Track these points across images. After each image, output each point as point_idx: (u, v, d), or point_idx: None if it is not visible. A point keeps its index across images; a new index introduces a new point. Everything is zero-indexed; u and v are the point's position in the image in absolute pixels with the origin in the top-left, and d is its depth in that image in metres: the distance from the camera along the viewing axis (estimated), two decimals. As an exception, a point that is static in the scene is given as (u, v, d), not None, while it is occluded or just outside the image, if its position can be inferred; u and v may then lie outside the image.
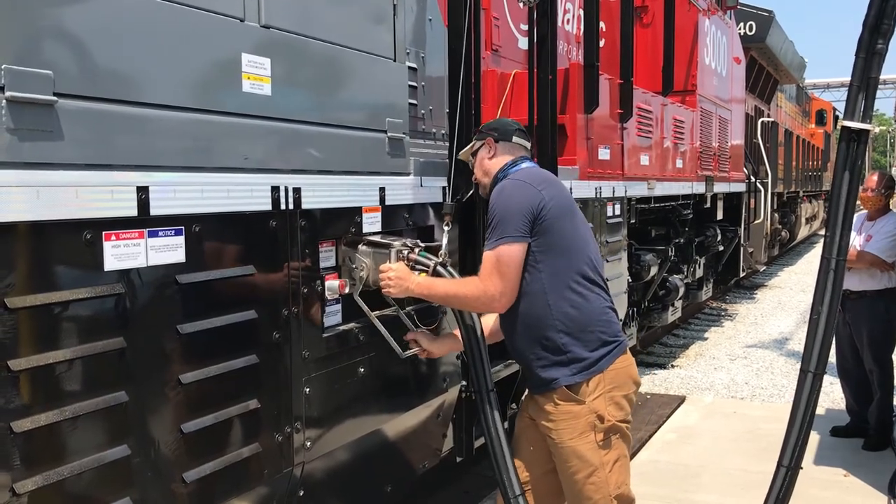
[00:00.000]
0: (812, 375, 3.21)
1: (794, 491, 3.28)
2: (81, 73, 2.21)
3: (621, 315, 6.15)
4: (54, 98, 2.12)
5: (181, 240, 2.51)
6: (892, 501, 4.75)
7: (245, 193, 2.74)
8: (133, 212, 2.34)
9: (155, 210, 2.40)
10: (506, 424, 3.39)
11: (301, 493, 3.10)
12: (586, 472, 2.96)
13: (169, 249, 2.47)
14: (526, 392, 3.36)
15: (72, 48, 2.19)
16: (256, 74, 2.78)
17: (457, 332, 3.40)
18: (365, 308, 3.29)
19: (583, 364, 2.95)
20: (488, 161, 3.23)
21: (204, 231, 2.59)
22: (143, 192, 2.36)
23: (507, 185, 3.06)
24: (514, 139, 3.25)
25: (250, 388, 2.81)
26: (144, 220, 2.38)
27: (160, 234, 2.44)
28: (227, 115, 2.67)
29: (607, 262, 5.79)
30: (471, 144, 3.39)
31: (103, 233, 2.26)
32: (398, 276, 3.12)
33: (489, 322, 3.36)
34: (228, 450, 2.72)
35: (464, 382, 4.17)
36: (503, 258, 2.93)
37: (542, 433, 3.11)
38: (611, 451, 2.98)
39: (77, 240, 2.21)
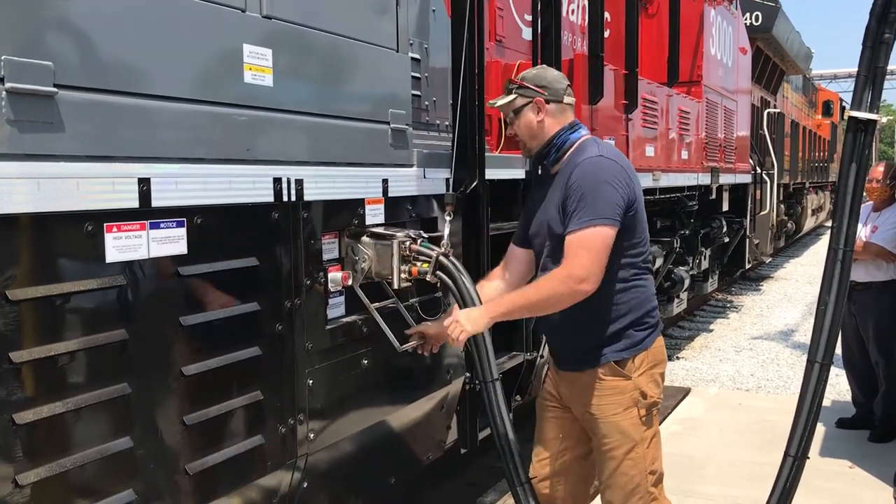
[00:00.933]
0: (819, 366, 3.19)
1: (800, 482, 3.27)
2: (82, 65, 2.20)
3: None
4: (55, 89, 2.11)
5: (183, 231, 2.50)
6: (898, 493, 4.74)
7: (247, 185, 2.73)
8: (135, 203, 2.33)
9: (156, 202, 2.39)
10: (511, 414, 3.38)
11: (305, 484, 3.10)
12: (627, 447, 2.98)
13: (171, 241, 2.46)
14: (547, 380, 3.28)
15: (72, 39, 2.18)
16: (258, 65, 2.77)
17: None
18: (364, 300, 3.28)
19: (631, 341, 2.98)
20: (537, 123, 3.01)
21: (206, 223, 2.58)
22: (144, 183, 2.35)
23: (602, 164, 2.89)
24: (566, 99, 3.06)
25: (253, 380, 2.80)
26: (146, 212, 2.37)
27: (162, 225, 2.43)
28: (228, 107, 2.66)
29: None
30: (510, 98, 3.03)
31: (105, 225, 2.26)
32: (459, 321, 2.92)
33: (488, 292, 3.20)
34: (231, 442, 2.72)
35: (467, 374, 4.17)
36: (599, 240, 2.81)
37: (576, 415, 3.09)
38: (650, 427, 3.02)
39: (78, 232, 2.20)
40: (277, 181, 2.85)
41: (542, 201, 3.09)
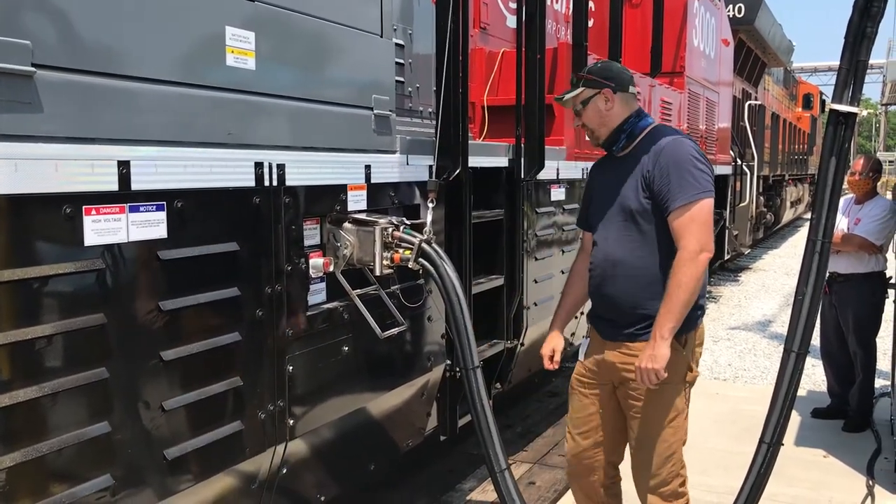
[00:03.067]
0: (795, 355, 3.22)
1: (775, 470, 3.31)
2: (61, 44, 2.17)
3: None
4: (33, 69, 2.08)
5: (163, 215, 2.48)
6: (870, 482, 4.81)
7: (228, 169, 2.71)
8: (114, 186, 2.31)
9: (136, 185, 2.37)
10: (491, 402, 3.39)
11: (284, 471, 3.10)
12: (671, 415, 3.13)
13: (150, 225, 2.44)
14: (584, 355, 3.34)
15: (51, 18, 2.15)
16: (240, 48, 2.74)
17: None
18: (346, 286, 3.28)
19: (691, 318, 3.09)
20: (606, 112, 3.18)
21: (186, 207, 2.56)
22: (124, 166, 2.33)
23: (686, 144, 3.09)
24: (631, 89, 3.24)
25: (232, 366, 2.79)
26: (125, 195, 2.35)
27: (141, 209, 2.41)
28: (210, 90, 2.63)
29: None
30: (577, 91, 3.19)
31: (83, 207, 2.23)
32: (648, 367, 2.97)
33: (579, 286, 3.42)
34: (210, 427, 2.71)
35: (448, 361, 4.17)
36: (705, 211, 3.01)
37: (617, 384, 3.20)
38: (688, 400, 3.20)
39: (56, 214, 2.18)
40: (259, 166, 2.83)
41: (608, 184, 3.23)
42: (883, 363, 6.34)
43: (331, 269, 3.22)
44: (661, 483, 3.19)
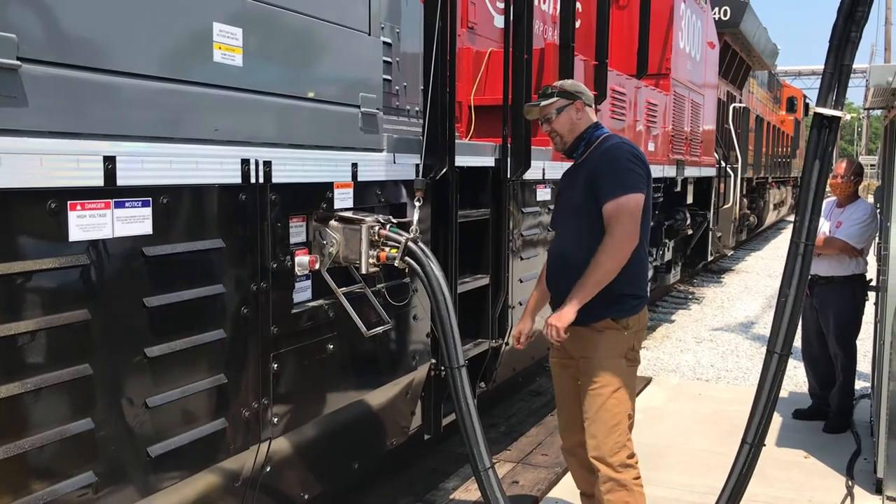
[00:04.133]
0: (778, 356, 3.25)
1: (756, 471, 3.33)
2: (47, 38, 2.15)
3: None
4: (18, 63, 2.06)
5: (148, 211, 2.47)
6: (850, 483, 4.85)
7: (214, 166, 2.70)
8: (99, 182, 2.29)
9: (122, 180, 2.35)
10: (475, 400, 3.40)
11: (267, 469, 3.09)
12: (613, 387, 3.42)
13: (136, 221, 2.43)
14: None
15: (37, 12, 2.13)
16: (228, 45, 2.73)
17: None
18: (332, 284, 3.27)
19: (630, 305, 3.47)
20: (577, 121, 3.54)
21: (172, 203, 2.55)
22: (109, 161, 2.31)
23: (625, 147, 3.46)
24: (592, 104, 3.66)
25: (217, 363, 2.78)
26: (111, 191, 2.33)
27: (127, 205, 2.40)
28: (197, 86, 2.62)
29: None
30: (552, 100, 3.53)
31: (68, 202, 2.22)
32: (552, 323, 3.36)
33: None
34: (194, 425, 2.70)
35: (433, 360, 4.17)
36: (633, 204, 3.34)
37: (577, 361, 3.52)
38: (630, 377, 3.51)
39: (41, 209, 2.16)
40: (245, 162, 2.82)
41: (567, 187, 3.63)
42: (863, 365, 6.40)
43: (316, 266, 3.21)
44: (609, 452, 3.41)
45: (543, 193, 5.42)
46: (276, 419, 3.06)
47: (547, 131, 3.62)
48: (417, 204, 3.59)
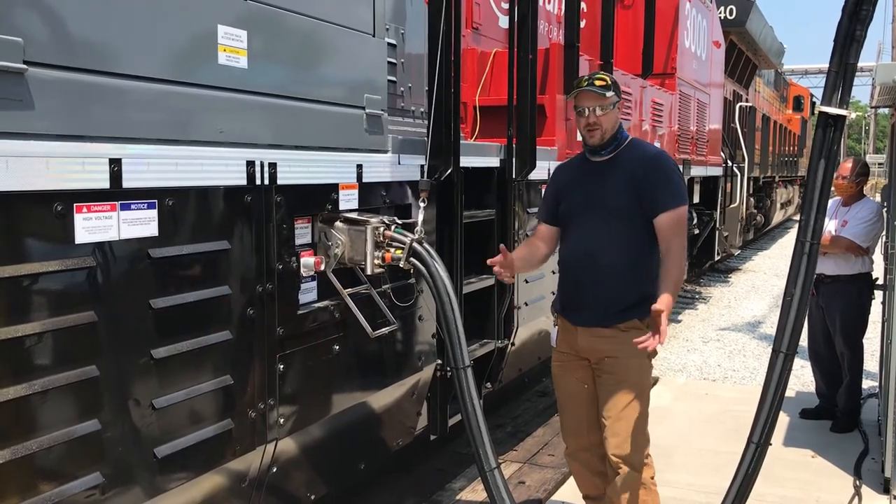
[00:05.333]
0: (783, 356, 3.24)
1: (763, 471, 3.32)
2: (53, 42, 2.17)
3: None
4: (24, 66, 2.07)
5: (154, 213, 2.48)
6: (857, 482, 4.84)
7: (220, 167, 2.71)
8: (105, 184, 2.30)
9: (127, 183, 2.36)
10: (481, 401, 3.41)
11: (274, 469, 3.10)
12: (639, 388, 3.44)
13: (142, 223, 2.44)
14: (555, 342, 3.66)
15: (43, 15, 2.15)
16: (233, 47, 2.74)
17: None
18: (338, 285, 3.28)
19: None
20: (618, 119, 3.56)
21: (178, 205, 2.56)
22: (115, 164, 2.32)
23: (670, 158, 3.61)
24: None
25: (223, 365, 2.79)
26: (117, 193, 2.34)
27: (133, 207, 2.41)
28: (202, 88, 2.63)
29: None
30: (612, 95, 3.47)
31: (74, 205, 2.23)
32: (668, 305, 3.27)
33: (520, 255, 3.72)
34: (200, 426, 2.71)
35: (439, 361, 4.18)
36: (685, 216, 3.48)
37: (594, 361, 3.49)
38: (650, 379, 3.56)
39: (47, 212, 2.17)
40: (251, 164, 2.83)
41: (587, 185, 3.53)
42: (870, 364, 6.38)
43: (322, 268, 3.22)
44: (634, 450, 3.41)
45: (549, 194, 5.41)
46: (282, 420, 3.06)
47: (592, 121, 3.46)
48: (422, 205, 3.59)
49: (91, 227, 2.28)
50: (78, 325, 2.26)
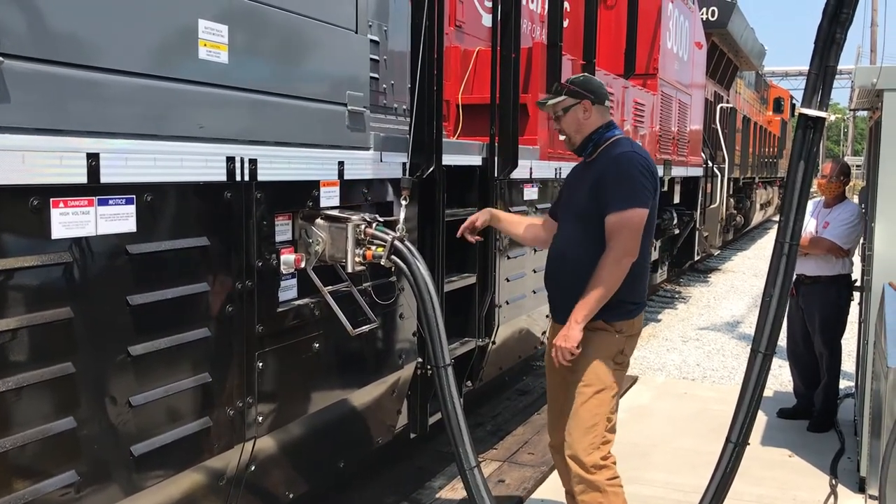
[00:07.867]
0: (762, 356, 3.27)
1: (741, 470, 3.35)
2: (30, 34, 2.14)
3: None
4: (0, 59, 2.04)
5: (132, 209, 2.45)
6: (833, 481, 4.89)
7: (199, 163, 2.69)
8: (83, 179, 2.28)
9: (105, 178, 2.34)
10: (462, 399, 3.40)
11: (252, 468, 3.08)
12: (596, 387, 3.41)
13: (120, 218, 2.41)
14: (547, 338, 3.73)
15: (19, 7, 2.11)
16: (213, 41, 2.71)
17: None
18: (318, 282, 3.26)
19: (624, 310, 3.45)
20: (583, 121, 3.48)
21: (156, 201, 2.53)
22: (93, 158, 2.30)
23: (637, 158, 3.39)
24: (606, 103, 3.55)
25: (201, 362, 2.77)
26: (94, 188, 2.32)
27: (111, 202, 2.38)
28: (182, 83, 2.61)
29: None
30: (559, 99, 3.49)
31: (51, 199, 2.20)
32: (560, 341, 3.32)
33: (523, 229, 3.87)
34: (178, 424, 2.69)
35: (419, 359, 4.17)
36: (636, 220, 3.32)
37: (567, 361, 3.46)
38: (616, 380, 3.48)
39: (23, 206, 2.14)
40: (230, 160, 2.81)
41: (573, 186, 3.61)
42: (848, 364, 6.44)
43: (302, 265, 3.20)
44: (583, 452, 3.38)
45: (531, 192, 5.42)
46: (260, 418, 3.05)
47: (556, 129, 3.59)
48: (404, 203, 3.58)
49: (68, 222, 2.25)
50: (54, 322, 2.24)
